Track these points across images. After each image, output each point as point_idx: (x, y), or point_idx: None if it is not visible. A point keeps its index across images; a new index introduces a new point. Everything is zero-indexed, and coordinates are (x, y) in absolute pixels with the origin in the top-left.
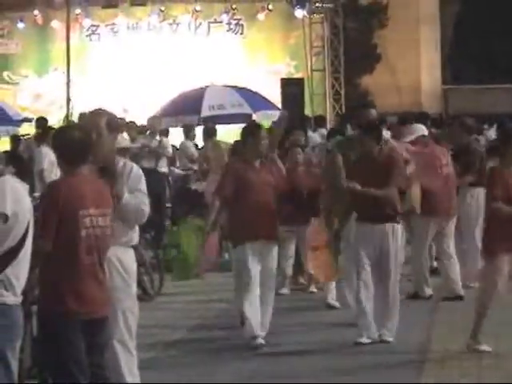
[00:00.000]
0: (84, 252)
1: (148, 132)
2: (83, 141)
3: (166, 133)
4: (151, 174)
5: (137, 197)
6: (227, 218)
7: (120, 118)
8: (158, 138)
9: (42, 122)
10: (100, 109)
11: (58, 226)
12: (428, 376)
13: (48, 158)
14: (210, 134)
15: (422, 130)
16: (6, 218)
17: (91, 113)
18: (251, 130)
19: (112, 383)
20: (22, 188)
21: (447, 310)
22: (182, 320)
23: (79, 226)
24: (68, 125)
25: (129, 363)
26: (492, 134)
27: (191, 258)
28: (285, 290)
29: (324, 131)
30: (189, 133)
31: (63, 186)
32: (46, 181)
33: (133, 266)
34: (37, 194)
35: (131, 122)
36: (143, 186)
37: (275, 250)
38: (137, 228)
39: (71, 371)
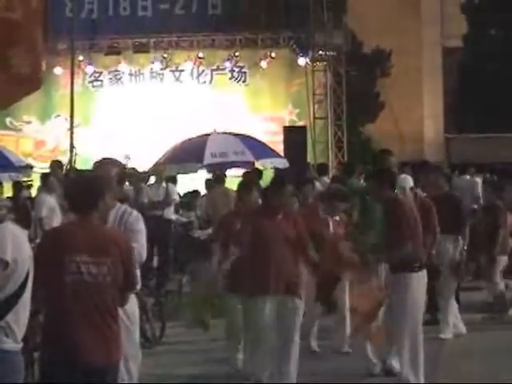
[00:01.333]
0: (71, 299)
1: (154, 180)
2: (93, 189)
3: (173, 180)
4: (156, 221)
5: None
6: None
7: (128, 168)
8: (164, 185)
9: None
10: (111, 158)
11: (46, 272)
12: None
13: (47, 204)
14: (219, 181)
15: (410, 181)
16: (6, 264)
17: (102, 161)
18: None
19: None
20: (22, 234)
21: None
22: (182, 368)
23: (64, 272)
24: (79, 173)
25: None
26: None
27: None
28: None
29: (326, 179)
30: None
31: (55, 232)
32: (45, 228)
33: (135, 312)
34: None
35: (133, 168)
36: (140, 228)
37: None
38: (138, 274)
39: None
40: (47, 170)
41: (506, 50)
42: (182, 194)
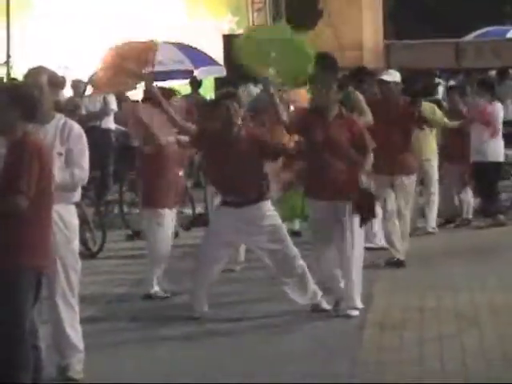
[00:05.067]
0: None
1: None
2: (37, 97)
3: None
4: (94, 132)
5: (70, 170)
6: None
7: (61, 76)
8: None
9: None
10: (40, 66)
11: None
12: (370, 327)
13: None
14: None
15: None
16: None
17: (31, 70)
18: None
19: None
20: None
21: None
22: (124, 275)
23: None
24: (16, 82)
25: (70, 319)
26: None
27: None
28: None
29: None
30: None
31: (39, 143)
32: None
33: (75, 222)
34: None
35: (77, 80)
36: (82, 146)
37: None
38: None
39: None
40: None
41: None
42: None
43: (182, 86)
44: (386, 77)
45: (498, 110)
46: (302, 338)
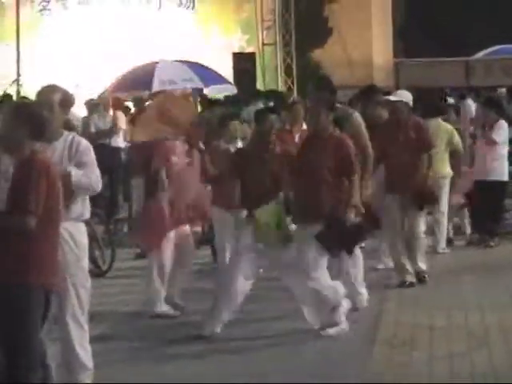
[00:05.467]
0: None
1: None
2: (46, 116)
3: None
4: (103, 149)
5: (86, 172)
6: None
7: (72, 95)
8: (111, 112)
9: None
10: (53, 85)
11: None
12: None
13: None
14: None
15: None
16: None
17: (44, 89)
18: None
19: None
20: None
21: None
22: (133, 294)
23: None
24: (26, 101)
25: (80, 337)
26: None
27: None
28: None
29: None
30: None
31: (47, 161)
32: None
33: (84, 240)
34: None
35: (91, 99)
36: (91, 158)
37: None
38: (88, 203)
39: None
40: None
41: None
42: None
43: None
44: (392, 97)
45: (504, 129)
46: (312, 356)
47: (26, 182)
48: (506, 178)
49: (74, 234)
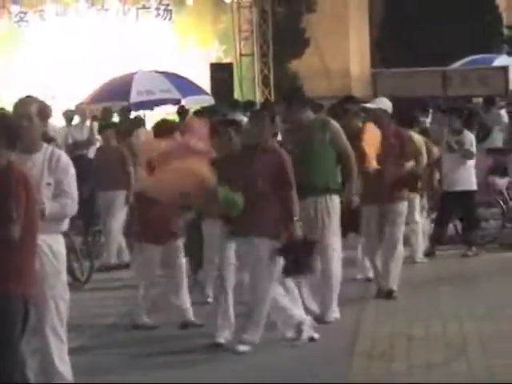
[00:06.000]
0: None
1: (78, 119)
2: (18, 127)
3: (97, 119)
4: (81, 161)
5: (61, 201)
6: None
7: (48, 106)
8: (88, 123)
9: None
10: (30, 96)
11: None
12: (359, 355)
13: None
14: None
15: None
16: None
17: (22, 100)
18: None
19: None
20: None
21: None
22: (111, 307)
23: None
24: (3, 112)
25: (59, 350)
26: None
27: None
28: None
29: None
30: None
31: (24, 171)
32: None
33: (63, 252)
34: None
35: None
36: (69, 177)
37: None
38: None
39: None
40: None
41: None
42: None
43: (169, 114)
44: (370, 105)
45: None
46: (290, 365)
47: (6, 191)
48: (474, 187)
49: (53, 245)
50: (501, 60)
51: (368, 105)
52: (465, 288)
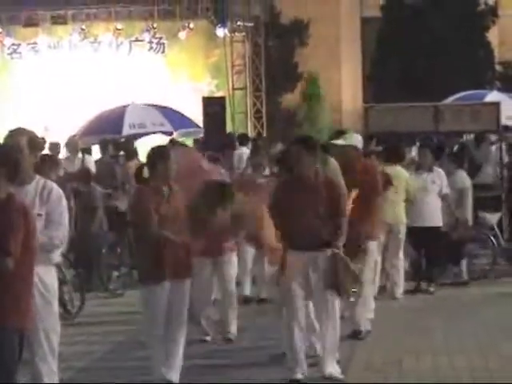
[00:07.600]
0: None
1: (69, 151)
2: (20, 159)
3: (89, 151)
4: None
5: (51, 233)
6: None
7: (41, 138)
8: (79, 156)
9: None
10: (21, 128)
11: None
12: None
13: None
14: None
15: None
16: None
17: (12, 132)
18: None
19: None
20: None
21: None
22: (97, 344)
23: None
24: None
25: (50, 381)
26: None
27: None
28: None
29: (246, 149)
30: (105, 149)
31: (23, 203)
32: None
33: (54, 284)
34: None
35: (54, 143)
36: (60, 209)
37: None
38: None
39: None
40: None
41: (423, 20)
42: None
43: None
44: (338, 141)
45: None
46: None
47: (6, 223)
48: (441, 223)
49: (44, 277)
50: (492, 96)
51: (337, 141)
52: (453, 321)
